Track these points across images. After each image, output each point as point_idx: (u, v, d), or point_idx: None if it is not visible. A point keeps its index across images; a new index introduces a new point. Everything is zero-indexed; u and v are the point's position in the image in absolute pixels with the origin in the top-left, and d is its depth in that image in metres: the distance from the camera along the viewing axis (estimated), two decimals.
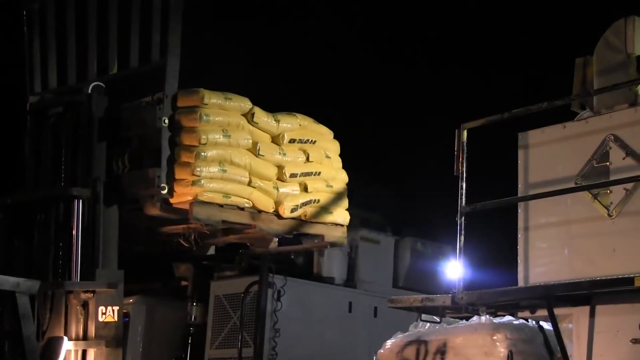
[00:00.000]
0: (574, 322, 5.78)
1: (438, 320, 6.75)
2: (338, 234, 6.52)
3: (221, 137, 5.89)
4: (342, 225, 6.52)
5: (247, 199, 6.02)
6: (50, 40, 6.63)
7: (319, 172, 6.40)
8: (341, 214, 6.51)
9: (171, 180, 5.82)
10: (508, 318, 6.52)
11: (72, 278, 5.65)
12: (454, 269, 6.35)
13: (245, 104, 6.12)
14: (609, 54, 6.19)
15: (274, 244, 6.61)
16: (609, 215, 5.76)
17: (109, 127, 5.99)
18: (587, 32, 6.80)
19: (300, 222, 6.42)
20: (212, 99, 5.97)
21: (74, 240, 5.68)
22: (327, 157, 6.47)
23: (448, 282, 6.88)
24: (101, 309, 5.59)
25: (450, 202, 6.72)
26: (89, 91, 6.02)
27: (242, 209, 6.03)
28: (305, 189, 6.39)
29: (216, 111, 5.95)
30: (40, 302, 5.70)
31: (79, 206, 5.74)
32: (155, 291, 8.69)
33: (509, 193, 6.30)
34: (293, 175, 6.30)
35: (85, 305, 5.64)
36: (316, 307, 8.75)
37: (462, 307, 6.30)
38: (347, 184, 6.64)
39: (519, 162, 6.30)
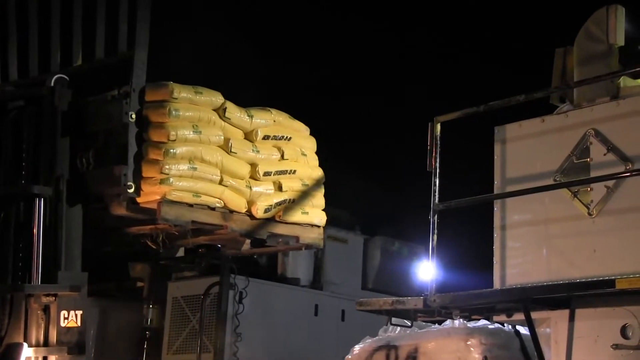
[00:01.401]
0: (552, 326, 5.79)
1: (409, 324, 6.74)
2: (314, 236, 6.54)
3: (191, 133, 5.84)
4: (319, 227, 6.50)
5: (219, 198, 6.00)
6: (11, 29, 6.55)
7: (294, 171, 6.40)
8: (317, 215, 6.51)
9: (138, 178, 5.78)
10: (483, 322, 6.52)
11: (32, 281, 5.59)
12: (427, 270, 6.34)
13: (217, 98, 6.08)
14: (590, 45, 6.21)
15: (246, 245, 6.59)
16: (589, 214, 5.78)
17: (73, 122, 5.94)
18: (567, 21, 6.82)
19: (275, 222, 6.41)
20: (182, 93, 5.94)
21: (35, 241, 5.63)
22: (303, 154, 6.47)
23: (420, 284, 6.87)
24: (63, 313, 5.54)
25: (423, 199, 6.71)
26: (52, 84, 5.95)
27: (213, 209, 6.02)
28: (279, 188, 6.39)
29: (186, 106, 5.91)
30: None
31: (40, 205, 5.67)
32: (109, 292, 8.60)
33: (485, 190, 6.30)
34: (267, 174, 6.28)
35: (46, 309, 5.58)
36: (280, 310, 8.71)
37: (435, 310, 6.29)
38: (324, 183, 6.60)
39: (495, 157, 6.30)
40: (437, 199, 6.18)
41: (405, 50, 14.12)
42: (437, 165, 6.18)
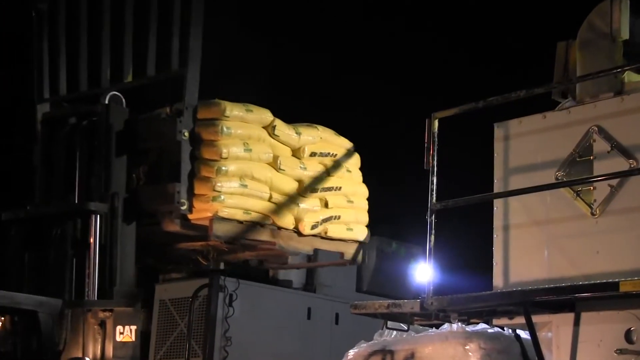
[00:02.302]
0: (553, 330, 5.80)
1: (405, 328, 6.75)
2: (357, 252, 6.61)
3: (242, 151, 6.04)
4: (362, 243, 6.59)
5: (268, 215, 6.19)
6: (61, 44, 6.68)
7: (340, 187, 6.59)
8: (361, 231, 6.69)
9: (190, 195, 5.97)
10: (482, 326, 6.52)
11: (89, 296, 5.78)
12: (424, 272, 6.34)
13: (266, 115, 6.25)
14: (594, 38, 6.21)
15: (288, 260, 6.74)
16: (592, 214, 5.78)
17: (127, 139, 6.11)
18: (570, 13, 6.82)
19: (320, 239, 6.62)
20: (234, 111, 6.12)
21: (92, 257, 5.80)
22: (348, 171, 6.67)
23: (417, 287, 6.88)
24: (119, 328, 5.88)
25: (420, 197, 6.71)
26: (106, 101, 6.13)
27: (263, 225, 6.22)
28: (325, 204, 6.61)
29: (237, 124, 6.10)
30: (56, 321, 5.88)
31: (96, 221, 5.86)
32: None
33: (485, 189, 6.31)
34: (314, 191, 6.47)
35: (102, 324, 5.91)
36: (272, 313, 8.70)
37: (432, 313, 6.30)
38: (367, 199, 6.85)
39: (495, 155, 6.31)
40: (434, 198, 6.18)
41: (405, 50, 14.19)
42: (435, 163, 6.18)
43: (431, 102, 6.75)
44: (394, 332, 6.87)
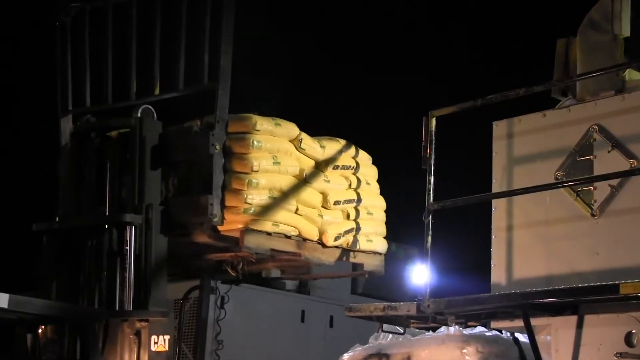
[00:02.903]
0: (552, 333, 5.81)
1: (401, 331, 6.76)
2: (377, 263, 6.99)
3: (271, 164, 6.34)
4: (381, 254, 6.77)
5: (294, 227, 6.45)
6: (85, 56, 6.84)
7: (361, 199, 6.85)
8: (380, 242, 6.97)
9: (221, 207, 6.20)
10: (480, 329, 6.54)
11: (125, 306, 6.01)
12: (420, 274, 6.36)
13: (294, 129, 6.55)
14: (594, 35, 6.23)
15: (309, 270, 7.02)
16: (592, 215, 5.80)
17: (159, 152, 6.36)
18: (570, 10, 6.84)
19: (342, 250, 6.83)
20: (264, 125, 6.39)
21: (127, 268, 6.02)
22: (367, 183, 6.97)
23: (413, 289, 6.89)
24: (153, 338, 5.95)
25: (418, 197, 6.72)
26: (139, 114, 6.31)
27: (289, 237, 6.45)
28: (347, 216, 6.86)
29: (267, 137, 6.38)
30: (99, 331, 6.10)
31: (131, 233, 6.09)
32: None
33: (483, 189, 6.32)
34: (337, 203, 6.72)
35: (138, 334, 5.98)
36: (265, 315, 8.72)
37: (429, 316, 6.30)
38: (385, 211, 7.09)
39: (494, 154, 6.32)
40: (431, 198, 6.19)
41: (404, 47, 14.25)
42: (432, 162, 6.19)
43: (431, 99, 6.80)
44: (390, 336, 6.89)
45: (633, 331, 5.46)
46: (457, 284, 7.16)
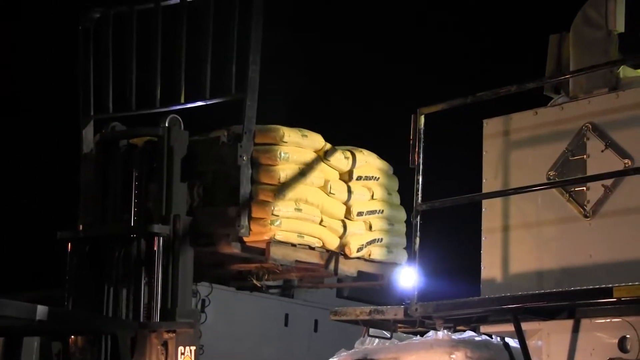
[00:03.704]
0: (544, 338, 5.83)
1: (388, 335, 6.77)
2: (397, 274, 7.11)
3: (298, 175, 6.52)
4: (401, 265, 7.03)
5: (318, 238, 6.64)
6: (108, 63, 7.02)
7: (382, 210, 7.02)
8: (400, 253, 7.14)
9: (248, 218, 6.37)
10: (469, 334, 6.56)
11: (152, 317, 6.18)
12: (408, 277, 6.37)
13: (319, 141, 6.73)
14: (588, 31, 6.25)
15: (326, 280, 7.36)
16: (585, 216, 5.82)
17: (186, 162, 6.51)
18: (563, 4, 6.87)
19: (364, 261, 7.00)
20: (291, 136, 6.58)
21: (155, 278, 6.17)
22: (389, 194, 7.13)
23: (400, 292, 6.91)
24: (180, 349, 6.12)
25: (407, 197, 6.74)
26: (166, 124, 6.45)
27: (313, 248, 6.63)
28: (369, 227, 7.05)
29: (293, 149, 6.57)
30: (128, 342, 6.23)
31: (159, 243, 6.22)
32: (54, 301, 8.54)
33: (474, 189, 6.34)
34: (359, 214, 6.89)
35: (165, 345, 6.14)
36: (247, 319, 8.72)
37: (417, 320, 6.32)
38: (405, 222, 7.25)
39: (484, 153, 6.33)
40: (420, 199, 6.20)
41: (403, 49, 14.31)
42: (421, 161, 6.20)
43: (422, 97, 6.83)
44: (376, 340, 6.90)
45: (627, 336, 5.48)
46: (446, 287, 7.17)
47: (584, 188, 5.82)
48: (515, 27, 13.70)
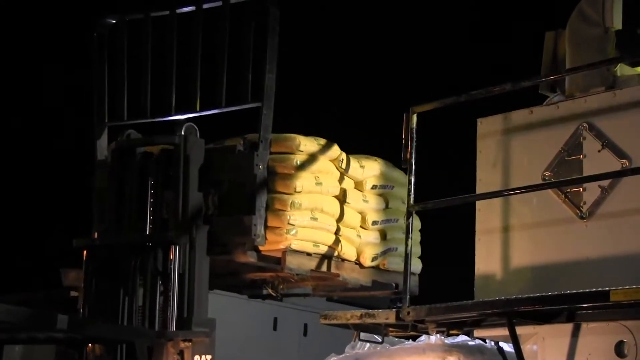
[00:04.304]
0: (539, 343, 5.84)
1: (379, 340, 6.78)
2: (412, 283, 7.19)
3: (314, 184, 6.64)
4: (415, 275, 7.15)
5: (334, 247, 6.74)
6: (122, 70, 7.12)
7: (397, 219, 7.09)
8: (415, 263, 7.17)
9: (264, 228, 6.48)
10: (462, 338, 6.57)
11: (168, 326, 6.29)
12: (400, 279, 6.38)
13: (335, 149, 6.83)
14: (584, 28, 6.27)
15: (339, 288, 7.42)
16: (582, 218, 5.84)
17: (202, 171, 6.62)
18: (559, 1, 6.88)
19: (378, 270, 7.07)
20: (307, 145, 6.69)
21: (171, 287, 6.28)
22: (403, 203, 7.14)
23: (392, 295, 6.92)
24: (196, 357, 6.24)
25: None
26: (182, 132, 6.56)
27: (328, 257, 6.73)
28: (384, 237, 7.13)
29: (310, 158, 6.68)
30: (146, 351, 6.33)
31: (175, 252, 6.33)
32: (37, 303, 8.53)
33: (468, 189, 6.35)
34: (374, 223, 6.98)
35: (181, 354, 6.26)
36: (235, 323, 8.71)
37: (408, 324, 6.33)
38: (420, 230, 7.33)
39: (478, 153, 6.35)
40: (412, 199, 6.21)
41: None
42: (413, 160, 6.21)
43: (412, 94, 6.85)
44: (367, 345, 6.90)
45: (624, 340, 5.49)
46: (440, 290, 7.18)
47: (580, 189, 5.84)
48: (511, 23, 13.73)
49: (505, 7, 13.90)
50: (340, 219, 6.74)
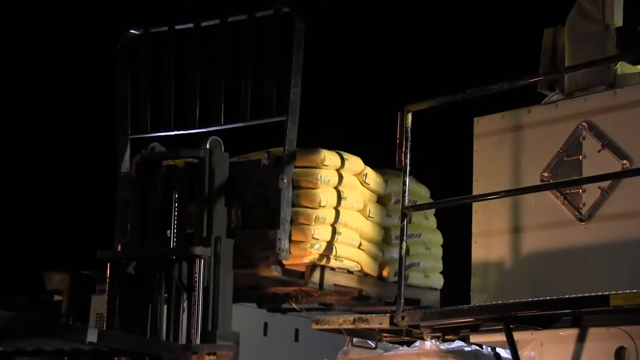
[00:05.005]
0: (536, 348, 5.85)
1: (373, 345, 6.78)
2: (433, 298, 7.31)
3: (338, 199, 6.76)
4: (437, 290, 7.26)
5: (357, 262, 6.84)
6: (146, 83, 7.24)
7: (420, 234, 7.21)
8: (437, 278, 7.28)
9: (289, 242, 6.60)
10: (458, 343, 6.57)
11: (192, 339, 6.41)
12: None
13: (359, 164, 6.95)
14: (584, 25, 6.28)
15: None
16: (581, 220, 5.84)
17: (227, 184, 6.75)
18: None
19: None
20: (331, 160, 6.82)
21: (195, 301, 6.40)
22: (426, 218, 7.30)
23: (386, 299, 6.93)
24: None
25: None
26: (207, 145, 6.66)
27: (351, 272, 6.83)
28: (407, 251, 7.06)
29: (334, 172, 6.80)
30: None
31: (200, 266, 6.45)
32: (20, 307, 8.52)
33: (465, 190, 6.35)
34: (397, 238, 7.02)
35: None
36: None
37: (403, 329, 6.33)
38: (442, 245, 7.45)
39: (475, 153, 6.35)
40: (406, 201, 6.22)
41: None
42: (408, 161, 6.21)
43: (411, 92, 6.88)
44: (360, 350, 6.90)
45: (624, 346, 5.50)
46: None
47: (580, 190, 5.85)
48: (509, 21, 13.75)
49: (504, 3, 13.93)
50: (363, 233, 6.85)
